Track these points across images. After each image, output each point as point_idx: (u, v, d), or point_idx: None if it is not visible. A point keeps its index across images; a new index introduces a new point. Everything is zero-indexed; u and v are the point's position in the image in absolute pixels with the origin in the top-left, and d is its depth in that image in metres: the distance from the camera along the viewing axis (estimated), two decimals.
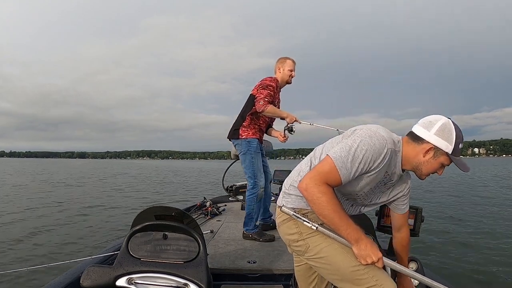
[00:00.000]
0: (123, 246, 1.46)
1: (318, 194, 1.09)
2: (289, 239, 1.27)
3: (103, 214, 7.18)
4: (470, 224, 6.32)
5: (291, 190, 1.27)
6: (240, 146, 2.83)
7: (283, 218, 1.28)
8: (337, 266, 1.19)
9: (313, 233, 1.21)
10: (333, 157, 1.11)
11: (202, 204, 4.01)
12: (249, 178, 2.84)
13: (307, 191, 1.11)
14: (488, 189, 13.26)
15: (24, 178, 18.50)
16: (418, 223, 1.61)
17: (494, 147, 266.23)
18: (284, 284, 1.96)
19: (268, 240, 2.71)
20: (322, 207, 1.09)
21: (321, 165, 1.14)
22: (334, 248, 1.19)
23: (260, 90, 2.75)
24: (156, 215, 1.51)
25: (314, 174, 1.12)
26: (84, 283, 1.36)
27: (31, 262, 3.58)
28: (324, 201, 1.08)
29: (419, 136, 1.18)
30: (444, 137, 1.14)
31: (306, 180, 1.11)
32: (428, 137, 1.16)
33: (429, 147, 1.16)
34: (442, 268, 3.93)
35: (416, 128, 1.20)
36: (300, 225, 1.22)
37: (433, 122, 1.17)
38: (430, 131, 1.15)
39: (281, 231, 1.31)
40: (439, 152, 1.16)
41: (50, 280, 1.63)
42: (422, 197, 10.30)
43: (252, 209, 2.80)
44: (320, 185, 1.09)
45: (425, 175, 1.22)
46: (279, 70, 2.91)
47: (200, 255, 1.44)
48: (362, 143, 1.11)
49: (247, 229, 2.80)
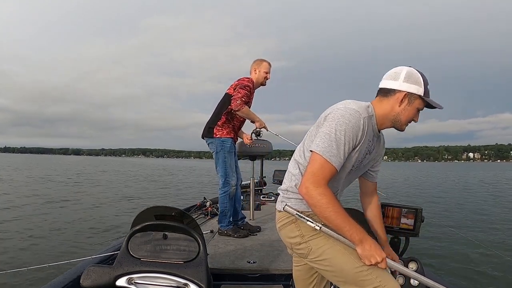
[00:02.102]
0: (123, 246, 1.46)
1: (318, 196, 1.10)
2: (291, 242, 1.26)
3: (103, 214, 7.18)
4: (470, 224, 6.32)
5: (289, 194, 1.27)
6: (214, 145, 2.87)
7: (283, 222, 1.27)
8: (341, 268, 1.18)
9: (315, 235, 1.20)
10: (318, 151, 1.12)
11: (202, 204, 4.01)
12: (220, 177, 2.89)
13: (307, 195, 1.11)
14: (487, 190, 13.25)
15: (17, 174, 18.49)
16: (418, 223, 1.60)
17: (489, 152, 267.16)
18: (284, 284, 1.96)
19: (242, 236, 2.80)
20: (323, 209, 1.10)
21: (311, 165, 1.14)
22: (337, 250, 1.18)
23: (238, 89, 2.78)
24: (156, 215, 1.51)
25: (309, 176, 1.12)
26: (84, 283, 1.36)
27: (31, 262, 3.57)
28: (325, 203, 1.09)
29: (390, 88, 1.21)
30: (413, 81, 1.19)
31: (305, 185, 1.12)
32: (399, 86, 1.19)
33: (402, 95, 1.19)
34: (442, 268, 3.93)
35: (384, 83, 1.23)
36: (301, 228, 1.22)
37: (398, 72, 1.21)
38: (399, 80, 1.19)
39: (282, 234, 1.30)
40: (412, 97, 1.19)
41: (50, 280, 1.63)
42: (422, 197, 10.30)
43: (225, 206, 2.87)
44: (319, 187, 1.10)
45: (405, 124, 1.25)
46: (255, 71, 2.94)
47: (200, 255, 1.44)
48: (339, 125, 1.13)
49: (222, 226, 2.89)
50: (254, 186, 3.53)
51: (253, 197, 3.54)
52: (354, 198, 2.11)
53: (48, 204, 8.19)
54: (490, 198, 10.64)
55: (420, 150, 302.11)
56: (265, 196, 4.88)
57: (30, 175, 18.61)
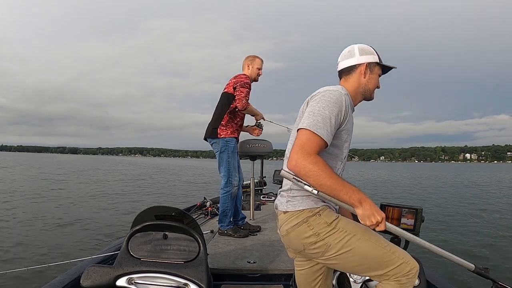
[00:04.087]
0: (123, 246, 1.46)
1: (309, 165, 1.08)
2: (305, 243, 1.20)
3: (103, 214, 7.18)
4: (470, 224, 6.32)
5: (294, 193, 1.24)
6: (218, 145, 2.88)
7: (293, 223, 1.21)
8: (365, 255, 1.17)
9: (331, 230, 1.18)
10: (304, 126, 1.13)
11: (202, 204, 4.01)
12: (223, 177, 2.90)
13: (297, 166, 1.09)
14: (487, 191, 13.25)
15: (15, 173, 18.52)
16: (418, 223, 1.60)
17: (486, 153, 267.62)
18: (284, 284, 1.96)
19: (242, 236, 2.81)
20: (317, 176, 1.07)
21: (298, 139, 1.14)
22: (358, 239, 1.18)
23: (240, 88, 2.82)
24: (156, 215, 1.51)
25: (297, 148, 1.11)
26: (84, 283, 1.36)
27: (31, 262, 3.58)
28: (318, 170, 1.07)
29: (350, 66, 1.33)
30: (367, 52, 1.33)
31: (293, 157, 1.10)
32: (357, 60, 1.32)
33: (364, 66, 1.32)
34: (442, 268, 3.93)
35: (343, 63, 1.35)
36: (315, 226, 1.19)
37: (351, 50, 1.34)
38: (355, 56, 1.33)
39: (292, 237, 1.23)
40: (372, 65, 1.33)
41: (50, 280, 1.63)
42: (422, 198, 10.30)
43: (227, 206, 2.88)
44: (308, 156, 1.08)
45: (373, 91, 1.36)
46: (248, 67, 2.99)
47: (200, 255, 1.44)
48: (321, 102, 1.18)
49: (222, 226, 2.89)
50: (254, 186, 3.53)
51: (253, 197, 3.54)
52: None
53: (48, 204, 8.19)
54: (490, 198, 10.64)
55: (417, 150, 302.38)
56: (265, 196, 4.88)
57: (27, 174, 18.61)
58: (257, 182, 5.00)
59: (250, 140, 3.31)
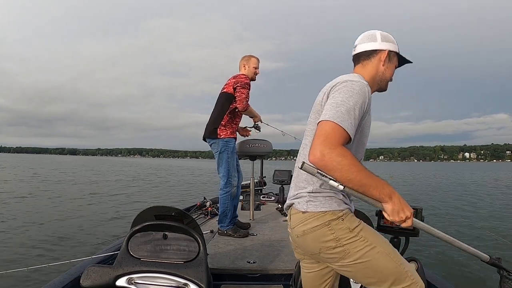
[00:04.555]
0: (123, 246, 1.46)
1: (338, 158, 0.97)
2: (322, 247, 1.14)
3: (103, 214, 7.18)
4: (470, 224, 6.32)
5: (316, 194, 1.15)
6: (217, 145, 2.87)
7: (312, 225, 1.13)
8: (380, 269, 1.12)
9: (352, 237, 1.12)
10: (328, 118, 1.03)
11: (202, 204, 4.01)
12: (223, 177, 2.89)
13: (323, 159, 0.98)
14: (486, 191, 13.25)
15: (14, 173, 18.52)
16: None
17: (485, 152, 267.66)
18: (284, 284, 1.96)
19: (242, 236, 2.80)
20: (346, 170, 0.97)
21: (321, 130, 1.03)
22: (377, 251, 1.13)
23: (240, 89, 2.82)
24: (156, 215, 1.51)
25: (322, 139, 1.00)
26: (84, 283, 1.36)
27: (31, 262, 3.57)
28: (347, 163, 0.97)
29: (372, 50, 1.25)
30: (389, 40, 1.26)
31: (318, 148, 0.99)
32: (379, 46, 1.24)
33: (385, 53, 1.24)
34: (442, 268, 3.93)
35: (364, 46, 1.26)
36: (336, 231, 1.11)
37: (373, 34, 1.27)
38: (378, 41, 1.25)
39: (309, 239, 1.15)
40: (391, 54, 1.26)
41: (50, 280, 1.63)
42: (422, 198, 10.30)
43: (226, 206, 2.87)
44: (336, 148, 0.98)
45: (388, 81, 1.29)
46: (244, 67, 2.99)
47: (200, 255, 1.44)
48: (345, 93, 1.08)
49: (222, 226, 2.88)
50: (254, 186, 3.53)
51: (253, 197, 3.53)
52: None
53: (48, 204, 8.19)
54: (491, 199, 10.64)
55: (416, 150, 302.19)
56: (265, 196, 4.88)
57: (25, 175, 18.60)
58: (257, 182, 5.00)
59: (250, 140, 3.31)
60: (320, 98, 1.19)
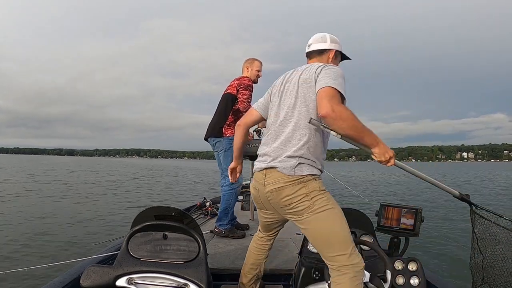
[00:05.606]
0: (123, 246, 1.46)
1: (345, 111, 1.24)
2: (294, 197, 1.34)
3: (103, 214, 7.18)
4: (469, 224, 6.32)
5: (303, 160, 1.36)
6: (222, 143, 2.88)
7: (292, 180, 1.34)
8: (334, 230, 1.33)
9: (319, 195, 1.34)
10: (331, 85, 1.30)
11: (202, 204, 4.01)
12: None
13: (335, 112, 1.23)
14: (486, 191, 13.26)
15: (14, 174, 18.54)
16: (418, 223, 1.61)
17: (482, 152, 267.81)
18: (284, 284, 1.96)
19: (240, 236, 2.78)
20: (351, 119, 1.24)
21: (327, 92, 1.29)
22: (335, 213, 1.35)
23: (243, 91, 2.84)
24: (156, 215, 1.51)
25: (330, 97, 1.27)
26: (84, 283, 1.36)
27: (31, 262, 3.58)
28: (351, 114, 1.24)
29: (323, 49, 1.56)
30: (336, 41, 1.59)
31: (327, 104, 1.25)
32: (329, 46, 1.56)
33: (333, 52, 1.57)
34: (442, 268, 3.93)
35: (317, 46, 1.57)
36: (309, 187, 1.34)
37: (323, 37, 1.58)
38: (327, 42, 1.57)
39: (284, 192, 1.35)
40: (337, 53, 1.59)
41: (50, 280, 1.63)
42: (422, 198, 10.30)
43: (229, 204, 2.85)
44: (341, 104, 1.27)
45: None
46: (247, 70, 3.01)
47: (200, 255, 1.44)
48: (335, 70, 1.37)
49: (221, 225, 2.84)
50: None
51: None
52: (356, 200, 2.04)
53: (47, 205, 8.20)
54: (490, 198, 10.65)
55: (414, 150, 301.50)
56: None
57: (23, 175, 18.61)
58: None
59: (250, 140, 3.31)
60: (310, 74, 1.40)
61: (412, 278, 1.52)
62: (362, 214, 1.76)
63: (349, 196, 8.28)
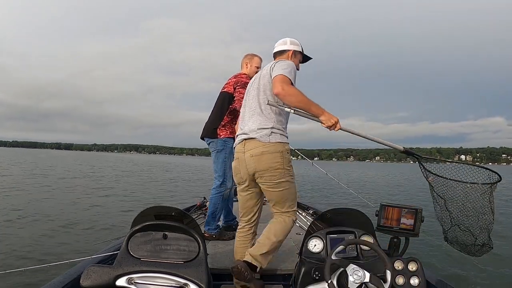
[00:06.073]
0: (123, 246, 1.46)
1: (293, 88, 1.71)
2: (271, 166, 1.76)
3: (103, 213, 7.17)
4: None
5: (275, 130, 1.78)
6: (216, 144, 2.83)
7: (270, 150, 1.75)
8: (289, 192, 1.84)
9: (289, 167, 1.81)
10: (281, 73, 1.73)
11: (202, 204, 4.01)
12: (218, 177, 2.84)
13: (284, 89, 1.67)
14: None
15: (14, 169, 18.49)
16: (418, 223, 1.61)
17: (480, 155, 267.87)
18: (284, 284, 1.96)
19: (231, 238, 2.72)
20: (298, 94, 1.69)
21: (279, 78, 1.71)
22: (293, 182, 1.86)
23: (240, 89, 2.76)
24: (156, 215, 1.51)
25: (281, 81, 1.69)
26: (84, 283, 1.36)
27: (31, 262, 3.57)
28: (298, 91, 1.70)
29: (283, 50, 2.01)
30: (295, 44, 2.02)
31: (279, 85, 1.68)
32: (288, 47, 2.01)
33: (291, 52, 2.00)
34: (442, 268, 3.93)
35: (279, 47, 2.03)
36: (284, 158, 1.78)
37: (285, 40, 2.03)
38: (287, 44, 2.01)
39: (265, 158, 1.75)
40: (296, 52, 2.02)
41: (50, 280, 1.63)
42: (422, 198, 10.29)
43: (217, 207, 2.81)
44: (289, 84, 1.71)
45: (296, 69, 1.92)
46: (246, 66, 2.92)
47: (200, 255, 1.44)
48: (286, 63, 1.82)
49: (209, 229, 2.80)
50: None
51: None
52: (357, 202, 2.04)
53: (47, 204, 8.17)
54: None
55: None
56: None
57: (21, 172, 18.58)
58: None
59: None
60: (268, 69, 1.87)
61: (412, 278, 1.51)
62: (362, 214, 1.76)
63: (349, 196, 8.27)
